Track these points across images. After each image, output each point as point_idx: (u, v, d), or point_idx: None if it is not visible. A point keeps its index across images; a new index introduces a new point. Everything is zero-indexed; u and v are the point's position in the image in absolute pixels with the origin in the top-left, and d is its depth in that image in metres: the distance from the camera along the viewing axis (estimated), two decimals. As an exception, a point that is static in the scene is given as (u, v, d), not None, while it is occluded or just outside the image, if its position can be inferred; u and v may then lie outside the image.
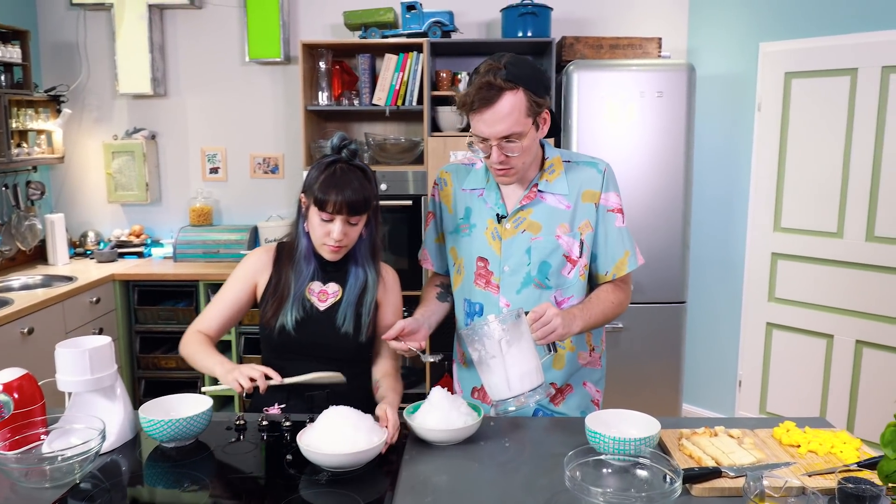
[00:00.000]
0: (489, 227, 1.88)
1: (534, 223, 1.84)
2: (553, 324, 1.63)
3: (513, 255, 1.85)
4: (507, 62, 1.67)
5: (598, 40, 3.82)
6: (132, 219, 4.44)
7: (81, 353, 1.58)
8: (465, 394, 2.01)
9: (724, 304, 4.04)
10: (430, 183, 3.77)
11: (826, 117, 3.50)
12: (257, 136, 4.36)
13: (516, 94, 1.66)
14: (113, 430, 1.62)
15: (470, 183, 1.94)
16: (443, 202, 1.99)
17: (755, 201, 3.83)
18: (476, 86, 1.66)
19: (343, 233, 1.81)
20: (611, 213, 1.87)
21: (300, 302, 1.88)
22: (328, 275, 1.93)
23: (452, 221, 1.96)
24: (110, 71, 4.27)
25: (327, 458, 1.48)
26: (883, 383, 3.39)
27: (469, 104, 1.68)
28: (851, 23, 3.40)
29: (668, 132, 3.58)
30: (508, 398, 1.60)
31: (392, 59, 3.83)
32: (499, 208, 1.87)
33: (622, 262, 1.87)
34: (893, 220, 3.29)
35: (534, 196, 1.85)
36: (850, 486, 1.30)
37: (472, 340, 1.63)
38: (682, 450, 1.57)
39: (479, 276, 1.89)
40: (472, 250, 1.90)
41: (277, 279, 1.92)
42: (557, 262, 1.84)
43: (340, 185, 1.78)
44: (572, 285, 1.86)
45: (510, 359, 1.60)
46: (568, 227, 1.84)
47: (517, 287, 1.85)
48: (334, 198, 1.77)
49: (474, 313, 1.91)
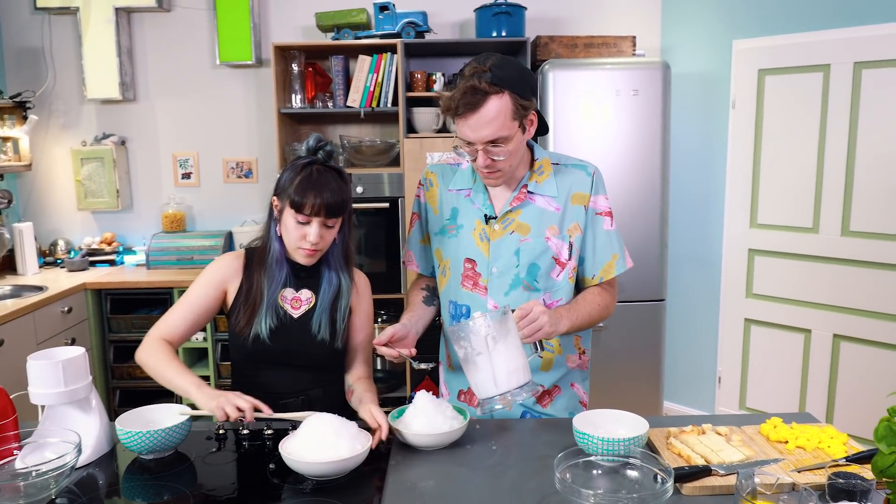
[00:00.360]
0: (477, 228, 1.85)
1: (523, 224, 1.82)
2: (540, 321, 1.61)
3: (501, 256, 1.82)
4: (492, 64, 1.63)
5: (572, 39, 3.82)
6: (103, 226, 4.35)
7: (54, 365, 1.53)
8: (452, 397, 1.98)
9: (703, 301, 4.05)
10: (406, 185, 3.74)
11: (800, 113, 3.53)
12: (230, 140, 4.30)
13: (502, 97, 1.63)
14: (89, 443, 1.57)
15: (456, 183, 1.91)
16: (428, 203, 1.96)
17: (731, 198, 3.85)
18: (461, 90, 1.63)
19: (319, 235, 1.76)
20: (599, 217, 1.85)
21: (273, 309, 1.83)
22: (301, 281, 1.88)
23: (438, 222, 1.93)
24: (77, 76, 4.18)
25: (311, 466, 1.45)
26: (861, 377, 3.43)
27: (454, 109, 1.64)
28: (824, 19, 3.43)
29: (645, 131, 3.59)
30: (495, 396, 1.57)
31: (366, 61, 3.79)
32: (487, 209, 1.84)
33: (610, 265, 1.86)
34: (868, 214, 3.33)
35: (523, 197, 1.82)
36: (841, 482, 1.29)
37: (459, 338, 1.60)
38: (670, 448, 1.56)
39: (467, 277, 1.86)
40: (459, 251, 1.87)
41: (249, 286, 1.85)
42: (546, 265, 1.82)
43: (318, 186, 1.74)
44: (561, 288, 1.84)
45: (497, 356, 1.57)
46: (557, 230, 1.82)
47: (505, 289, 1.82)
48: (312, 200, 1.72)
49: (461, 315, 1.88)
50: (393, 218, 3.79)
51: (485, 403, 1.59)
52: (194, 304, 1.86)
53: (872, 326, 3.36)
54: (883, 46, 3.22)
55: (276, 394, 1.82)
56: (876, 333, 3.35)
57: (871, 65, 3.28)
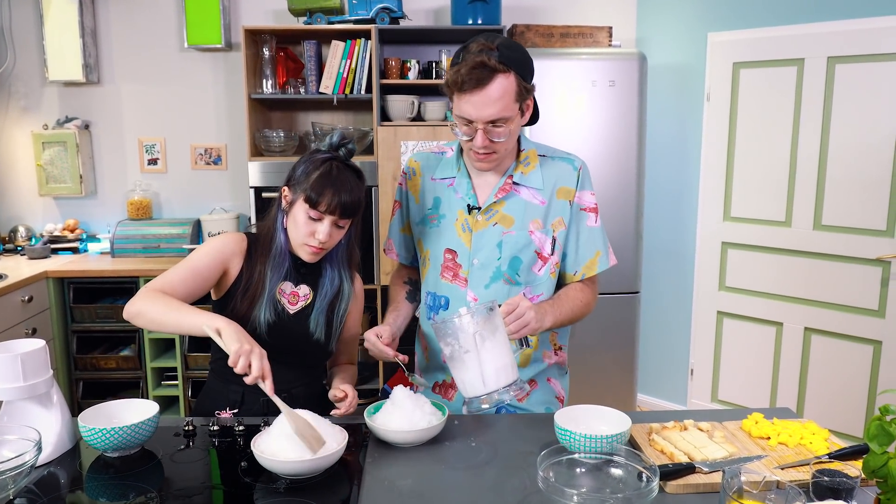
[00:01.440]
0: (459, 219, 1.80)
1: (507, 216, 1.78)
2: (527, 317, 1.58)
3: (483, 248, 1.78)
4: (500, 44, 1.60)
5: (548, 29, 3.78)
6: (66, 213, 4.22)
7: (13, 359, 1.45)
8: (427, 389, 1.93)
9: (676, 293, 4.06)
10: (380, 173, 3.68)
11: (773, 107, 3.54)
12: (198, 125, 4.19)
13: (508, 77, 1.60)
14: (50, 441, 1.50)
15: (440, 172, 1.86)
16: (410, 192, 1.91)
17: (705, 191, 3.86)
18: (469, 65, 1.58)
19: (329, 234, 1.70)
20: (584, 213, 1.82)
21: (272, 303, 1.76)
22: (300, 276, 1.82)
23: (420, 212, 1.88)
24: (39, 56, 4.04)
25: (284, 465, 1.39)
26: (831, 369, 3.46)
27: (459, 84, 1.60)
28: (798, 14, 3.43)
29: (621, 122, 3.57)
30: (483, 395, 1.54)
31: (339, 46, 3.72)
32: (470, 199, 1.80)
33: (592, 262, 1.83)
34: (840, 208, 3.35)
35: (509, 189, 1.78)
36: (826, 480, 1.28)
37: (444, 334, 1.55)
38: (653, 445, 1.53)
39: (447, 268, 1.82)
40: (440, 242, 1.83)
41: (251, 273, 1.77)
42: (529, 258, 1.78)
43: (337, 184, 1.67)
44: (542, 283, 1.81)
45: (485, 353, 1.53)
46: (541, 224, 1.78)
47: (486, 282, 1.78)
48: (329, 198, 1.66)
49: (439, 307, 1.83)
50: (366, 207, 3.71)
51: (472, 402, 1.56)
52: (198, 268, 1.73)
53: (843, 320, 3.39)
54: (855, 42, 3.23)
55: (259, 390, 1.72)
56: (846, 327, 3.38)
57: (843, 60, 3.29)
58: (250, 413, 1.75)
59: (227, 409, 1.73)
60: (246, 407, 1.78)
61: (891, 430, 1.06)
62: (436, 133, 3.67)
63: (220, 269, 1.76)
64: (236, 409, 1.74)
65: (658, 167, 4.00)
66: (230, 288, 1.78)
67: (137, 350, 3.71)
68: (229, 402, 1.78)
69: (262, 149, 3.84)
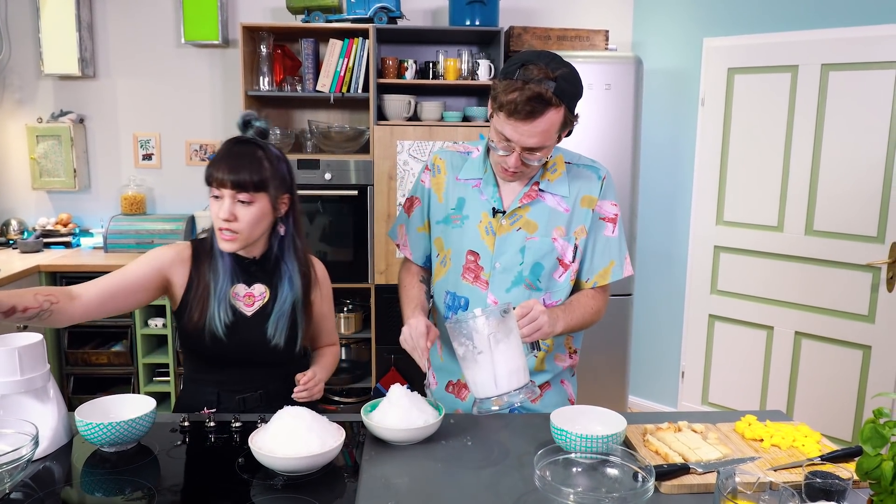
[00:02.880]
0: (483, 221, 1.80)
1: (531, 222, 1.78)
2: (540, 321, 1.58)
3: (506, 252, 1.78)
4: (560, 75, 1.57)
5: (545, 31, 3.80)
6: (59, 207, 4.20)
7: (10, 352, 1.45)
8: (440, 387, 1.94)
9: (668, 296, 4.08)
10: (376, 172, 3.68)
11: (767, 113, 3.56)
12: (194, 121, 4.19)
13: (559, 111, 1.59)
14: (46, 435, 1.50)
15: (466, 172, 1.85)
16: (433, 189, 1.89)
17: (698, 195, 3.88)
18: (526, 94, 1.55)
19: (231, 212, 1.64)
20: (602, 222, 1.82)
21: (226, 305, 1.73)
22: (251, 276, 1.78)
23: (443, 211, 1.87)
24: (34, 50, 4.03)
25: (282, 461, 1.40)
26: (821, 374, 3.48)
27: (511, 110, 1.57)
28: (792, 21, 3.46)
29: (617, 125, 3.59)
30: (494, 396, 1.53)
31: (337, 45, 3.72)
32: (495, 202, 1.80)
33: (606, 271, 1.83)
34: (832, 214, 3.37)
35: (534, 195, 1.78)
36: (819, 481, 1.30)
37: (458, 334, 1.55)
38: (647, 446, 1.55)
39: (468, 269, 1.82)
40: (462, 242, 1.82)
41: (198, 279, 1.75)
42: (550, 265, 1.79)
43: (230, 158, 1.65)
44: (561, 289, 1.82)
45: (499, 355, 1.53)
46: (564, 231, 1.79)
47: (507, 286, 1.79)
48: (217, 171, 1.63)
49: (458, 307, 1.84)
50: (361, 206, 3.73)
51: (483, 402, 1.55)
52: (126, 276, 1.70)
53: (833, 324, 3.41)
54: (849, 49, 3.26)
55: (233, 389, 1.79)
56: (836, 331, 3.40)
57: (837, 67, 3.32)
58: (227, 411, 1.75)
59: (206, 408, 1.71)
60: (223, 406, 1.78)
61: (884, 432, 1.08)
62: (432, 133, 3.68)
63: (156, 278, 1.74)
64: (213, 408, 1.71)
65: (652, 170, 4.02)
66: (182, 297, 1.76)
67: (129, 346, 3.71)
68: (206, 402, 1.77)
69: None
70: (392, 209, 3.70)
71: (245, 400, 1.78)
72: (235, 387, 1.79)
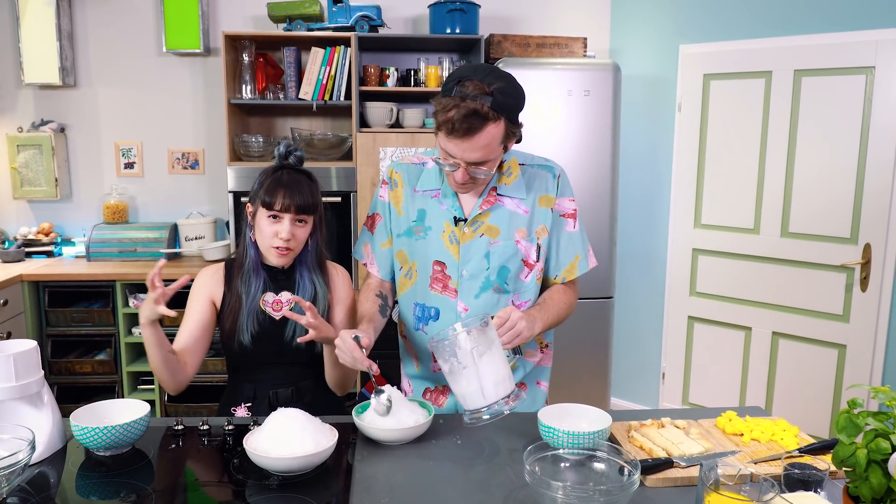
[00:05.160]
0: (446, 231, 1.83)
1: (492, 227, 1.81)
2: (519, 326, 1.62)
3: (471, 259, 1.82)
4: (496, 89, 1.58)
5: (525, 38, 3.85)
6: (40, 216, 4.19)
7: (6, 359, 1.47)
8: (417, 394, 1.98)
9: (649, 298, 4.15)
10: (358, 179, 3.72)
11: (743, 118, 3.64)
12: (175, 130, 4.19)
13: (498, 125, 1.61)
14: (41, 440, 1.51)
15: (423, 184, 1.87)
16: (392, 203, 1.91)
17: (676, 199, 3.95)
18: (462, 112, 1.57)
19: (291, 232, 1.83)
20: (563, 219, 1.87)
21: (255, 315, 1.89)
22: (279, 284, 1.92)
23: (404, 223, 1.89)
24: (14, 59, 4.01)
25: (276, 461, 1.42)
26: (798, 372, 3.56)
27: (448, 128, 1.59)
28: (766, 27, 3.54)
29: (596, 131, 3.65)
30: (483, 407, 1.55)
31: (319, 53, 3.75)
32: (456, 211, 1.83)
33: (572, 266, 1.88)
34: (807, 216, 3.45)
35: (493, 201, 1.82)
36: (797, 472, 1.35)
37: (441, 352, 1.57)
38: (632, 441, 1.59)
39: (436, 279, 1.85)
40: (427, 253, 1.85)
41: (231, 296, 1.92)
42: (516, 267, 1.83)
43: (289, 185, 1.83)
44: (529, 289, 1.86)
45: (483, 367, 1.54)
46: (526, 232, 1.83)
47: (476, 291, 1.82)
48: (282, 198, 1.81)
49: (429, 318, 1.87)
50: (345, 212, 3.76)
51: (474, 413, 1.56)
52: (194, 317, 1.91)
53: (809, 324, 3.49)
54: (821, 55, 3.35)
55: (268, 385, 1.92)
56: (812, 331, 3.48)
57: (809, 73, 3.40)
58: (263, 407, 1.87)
59: (242, 404, 1.88)
60: (258, 401, 1.91)
61: (858, 422, 1.13)
62: (414, 139, 3.72)
63: (211, 305, 1.94)
64: (250, 402, 1.89)
65: (631, 175, 4.09)
66: (219, 312, 1.94)
67: (113, 354, 3.70)
68: (244, 398, 1.92)
69: (241, 154, 3.86)
70: (375, 215, 3.73)
71: (277, 394, 1.91)
72: (269, 383, 1.93)
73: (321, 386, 1.95)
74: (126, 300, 3.66)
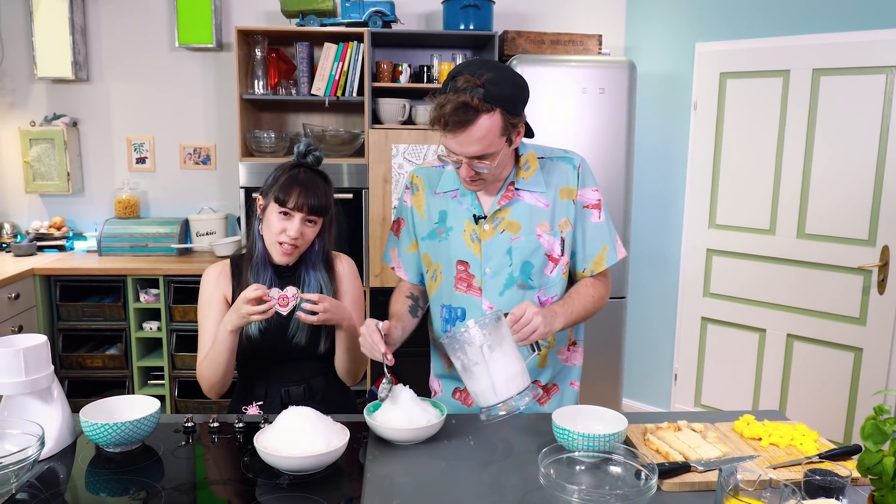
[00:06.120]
0: (467, 230, 1.81)
1: (513, 223, 1.79)
2: (534, 323, 1.58)
3: (493, 256, 1.79)
4: (487, 80, 1.57)
5: (539, 35, 3.82)
6: (52, 210, 4.19)
7: (15, 353, 1.46)
8: (447, 394, 1.96)
9: (661, 299, 4.11)
10: (370, 176, 3.70)
11: (759, 117, 3.60)
12: (187, 125, 4.18)
13: (492, 116, 1.59)
14: (50, 436, 1.50)
15: (443, 185, 1.86)
16: (414, 207, 1.91)
17: (691, 199, 3.91)
18: (452, 105, 1.56)
19: (300, 231, 1.81)
20: (587, 210, 1.82)
21: None
22: (284, 280, 1.88)
23: (426, 226, 1.88)
24: (27, 53, 4.02)
25: (287, 460, 1.41)
26: (813, 376, 3.51)
27: (442, 124, 1.59)
28: (784, 26, 3.50)
29: (610, 129, 3.62)
30: (495, 404, 1.53)
31: (332, 49, 3.73)
32: (475, 209, 1.81)
33: (600, 257, 1.84)
34: (823, 217, 3.41)
35: (511, 195, 1.79)
36: (818, 479, 1.32)
37: (454, 349, 1.56)
38: (648, 445, 1.56)
39: (460, 279, 1.83)
40: (450, 254, 1.83)
41: (240, 290, 1.86)
42: (540, 262, 1.80)
43: (304, 184, 1.81)
44: (555, 284, 1.82)
45: (494, 364, 1.53)
46: (548, 226, 1.79)
47: (500, 289, 1.80)
48: (297, 196, 1.79)
49: (455, 318, 1.84)
50: (356, 209, 3.74)
51: (488, 411, 1.54)
52: (217, 318, 1.88)
53: (825, 327, 3.45)
54: (840, 54, 3.30)
55: (279, 383, 1.90)
56: (828, 334, 3.44)
57: (828, 72, 3.36)
58: (274, 405, 1.85)
59: (254, 402, 1.85)
60: (269, 399, 1.88)
61: (885, 429, 1.10)
62: (426, 136, 3.69)
63: (225, 302, 1.91)
64: (261, 401, 1.87)
65: (645, 174, 4.05)
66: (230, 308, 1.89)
67: (124, 349, 3.69)
68: (255, 395, 1.89)
69: (253, 149, 3.84)
70: (387, 212, 3.72)
71: (289, 392, 1.89)
72: (281, 381, 1.90)
73: (332, 384, 1.94)
74: (137, 295, 3.66)
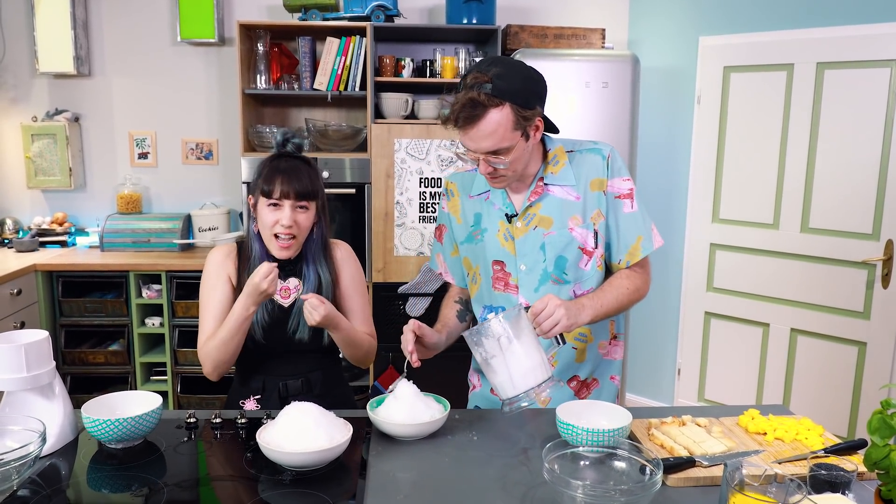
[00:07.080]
0: (500, 229, 1.81)
1: (545, 218, 1.78)
2: (556, 315, 1.56)
3: (527, 252, 1.79)
4: (494, 74, 1.58)
5: (542, 29, 3.80)
6: (54, 206, 4.19)
7: (17, 349, 1.45)
8: (485, 388, 1.94)
9: (664, 293, 4.10)
10: (373, 171, 3.69)
11: (763, 111, 3.58)
12: (190, 120, 4.18)
13: (502, 110, 1.59)
14: (52, 432, 1.49)
15: (476, 188, 1.87)
16: (451, 213, 1.92)
17: (694, 193, 3.90)
18: (460, 102, 1.58)
19: (292, 219, 1.79)
20: (618, 200, 1.80)
21: (263, 305, 1.83)
22: (285, 272, 1.86)
23: (464, 231, 1.89)
24: (29, 48, 4.01)
25: (290, 456, 1.40)
26: (817, 370, 3.51)
27: (452, 121, 1.61)
28: (788, 19, 3.48)
29: (613, 123, 3.60)
30: (514, 396, 1.52)
31: (334, 43, 3.72)
32: (507, 208, 1.81)
33: (635, 248, 1.81)
34: (827, 211, 3.39)
35: (541, 191, 1.78)
36: (824, 473, 1.31)
37: (473, 343, 1.56)
38: (652, 440, 1.56)
39: (497, 279, 1.83)
40: (486, 255, 1.83)
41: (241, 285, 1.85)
42: (574, 256, 1.78)
43: (286, 171, 1.80)
44: (590, 277, 1.81)
45: (511, 357, 1.52)
46: (580, 219, 1.77)
47: (535, 285, 1.79)
48: (280, 184, 1.78)
49: None
50: (359, 204, 3.73)
51: (511, 403, 1.53)
52: (221, 300, 1.86)
53: (829, 321, 3.43)
54: (844, 48, 3.28)
55: (277, 377, 1.88)
56: (832, 328, 3.43)
57: (832, 65, 3.34)
58: (273, 400, 1.85)
59: (251, 396, 1.85)
60: (268, 393, 1.88)
61: (892, 423, 1.09)
62: (429, 131, 3.68)
63: (227, 281, 1.89)
64: (259, 395, 1.86)
65: (649, 168, 4.04)
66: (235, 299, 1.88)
67: (126, 345, 3.69)
68: (253, 390, 1.88)
69: (255, 144, 3.83)
70: (389, 208, 3.71)
71: (287, 386, 1.87)
72: (279, 375, 1.89)
73: (330, 378, 1.94)
74: (139, 291, 3.65)
